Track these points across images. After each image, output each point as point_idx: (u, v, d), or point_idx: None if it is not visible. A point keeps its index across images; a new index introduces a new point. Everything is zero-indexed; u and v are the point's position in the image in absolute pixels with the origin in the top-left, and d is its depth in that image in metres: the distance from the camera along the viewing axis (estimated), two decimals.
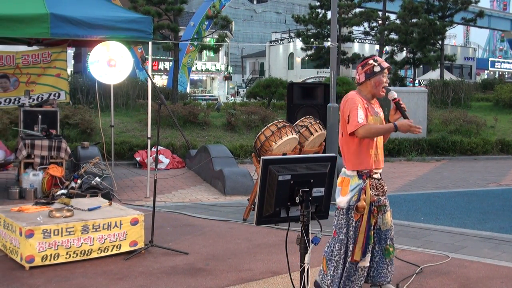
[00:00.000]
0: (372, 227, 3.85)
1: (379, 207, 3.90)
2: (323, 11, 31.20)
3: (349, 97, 3.91)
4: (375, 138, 3.90)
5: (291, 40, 50.62)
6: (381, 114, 3.99)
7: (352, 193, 3.78)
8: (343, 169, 3.91)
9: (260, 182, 3.06)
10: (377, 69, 3.87)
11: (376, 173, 3.91)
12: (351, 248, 3.82)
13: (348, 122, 3.82)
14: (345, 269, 3.84)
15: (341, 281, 3.84)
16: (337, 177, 3.93)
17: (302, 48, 34.34)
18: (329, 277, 3.86)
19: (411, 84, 35.07)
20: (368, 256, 3.86)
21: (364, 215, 3.77)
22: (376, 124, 3.85)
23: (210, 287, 4.39)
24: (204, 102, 23.50)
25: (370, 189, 3.83)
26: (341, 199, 3.83)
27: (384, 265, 4.01)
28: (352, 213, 3.80)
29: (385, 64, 3.92)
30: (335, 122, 8.06)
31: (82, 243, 4.89)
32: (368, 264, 3.89)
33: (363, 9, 30.49)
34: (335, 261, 3.85)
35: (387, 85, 3.94)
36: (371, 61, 3.92)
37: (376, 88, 3.90)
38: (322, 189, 3.19)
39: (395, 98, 3.89)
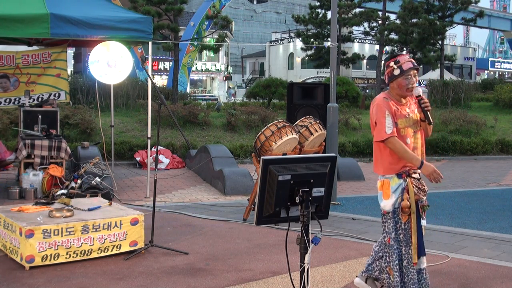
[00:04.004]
0: (422, 227, 3.72)
1: (422, 207, 3.77)
2: (323, 11, 31.20)
3: (376, 102, 3.75)
4: (411, 140, 3.75)
5: (291, 40, 50.62)
6: (412, 115, 3.81)
7: (396, 195, 3.66)
8: None
9: (260, 182, 3.06)
10: (396, 72, 3.71)
11: (415, 172, 3.76)
12: (404, 252, 3.69)
13: (375, 130, 3.70)
14: (405, 274, 3.70)
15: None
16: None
17: (302, 48, 34.34)
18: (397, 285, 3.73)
19: None
20: (425, 257, 3.75)
21: (412, 215, 3.65)
22: (405, 147, 3.66)
23: (210, 287, 4.39)
24: (204, 102, 23.51)
25: (413, 187, 3.70)
26: (385, 203, 3.70)
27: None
28: (399, 215, 3.67)
29: (407, 66, 3.71)
30: (335, 122, 8.07)
31: (82, 243, 4.88)
32: (425, 265, 3.77)
33: (363, 9, 30.47)
34: (396, 268, 3.72)
35: (413, 86, 3.74)
36: (391, 63, 3.75)
37: (401, 91, 3.75)
38: (322, 189, 3.19)
39: (418, 96, 3.76)
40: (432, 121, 3.84)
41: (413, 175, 3.76)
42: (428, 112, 3.78)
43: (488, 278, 4.69)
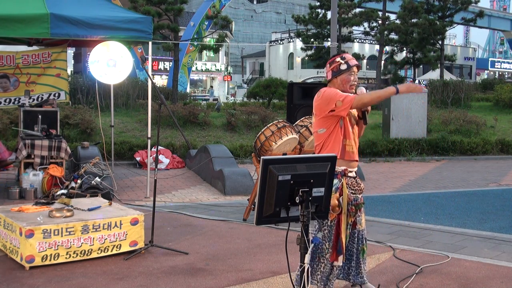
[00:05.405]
0: (348, 227, 3.82)
1: (356, 205, 3.87)
2: (323, 11, 31.19)
3: (325, 90, 3.85)
4: (350, 130, 3.85)
5: (291, 40, 50.63)
6: (352, 110, 3.90)
7: None
8: None
9: (260, 182, 3.06)
10: (343, 67, 3.82)
11: (351, 171, 3.90)
12: (326, 246, 3.80)
13: (337, 106, 3.72)
14: (322, 267, 3.83)
15: (322, 278, 3.85)
16: None
17: (302, 48, 34.32)
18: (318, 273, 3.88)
19: None
20: (341, 256, 3.82)
21: (343, 215, 3.74)
22: (377, 91, 3.77)
23: (210, 287, 4.39)
24: (204, 102, 23.53)
25: (347, 187, 3.83)
26: None
27: (361, 265, 4.02)
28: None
29: (353, 62, 3.84)
30: None
31: (82, 243, 4.89)
32: (341, 263, 3.86)
33: (363, 9, 30.47)
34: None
35: (356, 83, 3.86)
36: (338, 59, 3.87)
37: (343, 86, 3.84)
38: (322, 189, 3.18)
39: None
40: (367, 123, 3.94)
41: (349, 174, 3.88)
42: (366, 112, 3.89)
43: (488, 278, 4.69)
